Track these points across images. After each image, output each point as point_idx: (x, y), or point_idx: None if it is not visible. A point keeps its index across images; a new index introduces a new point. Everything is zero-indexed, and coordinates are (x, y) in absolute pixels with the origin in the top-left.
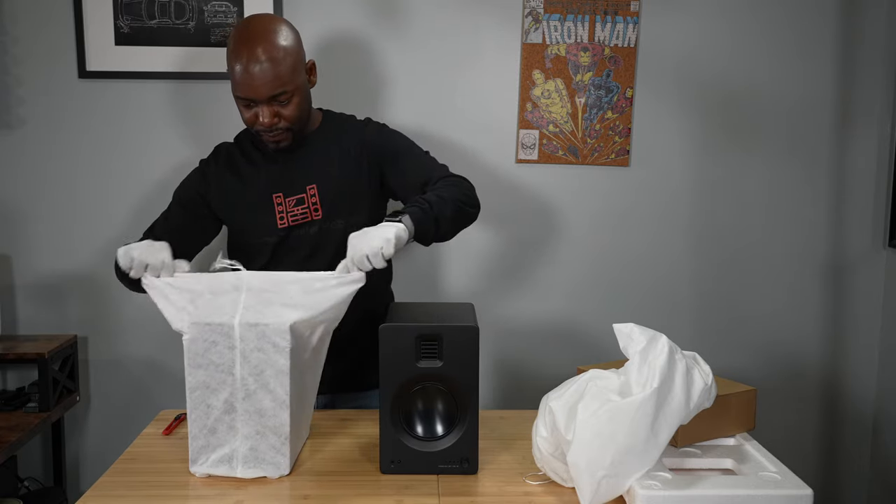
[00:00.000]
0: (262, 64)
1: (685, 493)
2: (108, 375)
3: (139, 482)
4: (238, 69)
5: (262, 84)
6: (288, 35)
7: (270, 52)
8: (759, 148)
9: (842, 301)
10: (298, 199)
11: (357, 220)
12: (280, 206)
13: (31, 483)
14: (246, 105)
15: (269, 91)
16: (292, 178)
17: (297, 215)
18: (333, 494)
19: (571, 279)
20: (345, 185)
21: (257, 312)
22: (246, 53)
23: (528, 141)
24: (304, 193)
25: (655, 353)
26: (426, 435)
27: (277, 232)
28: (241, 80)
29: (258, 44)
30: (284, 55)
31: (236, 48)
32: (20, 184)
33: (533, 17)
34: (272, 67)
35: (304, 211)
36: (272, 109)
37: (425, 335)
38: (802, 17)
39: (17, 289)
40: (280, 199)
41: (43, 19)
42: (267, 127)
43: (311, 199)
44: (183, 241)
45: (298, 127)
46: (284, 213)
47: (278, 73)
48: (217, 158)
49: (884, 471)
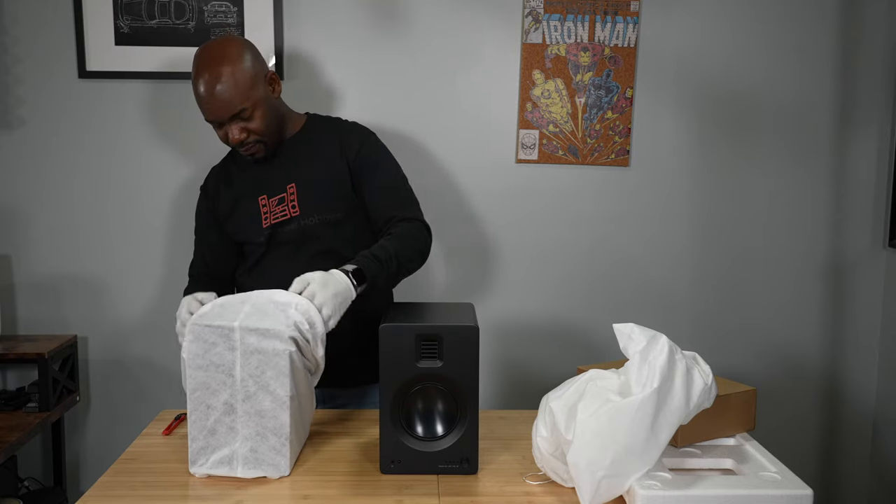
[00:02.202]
0: (217, 86)
1: (685, 493)
2: (108, 375)
3: (139, 482)
4: (198, 95)
5: (221, 105)
6: (240, 54)
7: (222, 75)
8: (759, 148)
9: (842, 301)
10: (280, 199)
11: (333, 217)
12: (265, 206)
13: (31, 483)
14: (216, 127)
15: (228, 111)
16: (274, 178)
17: (277, 214)
18: (333, 494)
19: (571, 279)
20: (321, 184)
21: (258, 319)
22: (201, 79)
23: (528, 141)
24: (285, 192)
25: (655, 353)
26: (426, 435)
27: (263, 231)
28: (202, 104)
29: (211, 68)
30: (236, 74)
31: (194, 75)
32: (20, 184)
33: (533, 17)
34: (226, 88)
35: (284, 209)
36: (238, 126)
37: (425, 335)
38: (802, 17)
39: (17, 289)
40: (265, 199)
41: (43, 19)
42: (238, 143)
43: (290, 197)
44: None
45: (269, 137)
46: (268, 213)
47: (233, 92)
48: (211, 177)
49: (884, 471)
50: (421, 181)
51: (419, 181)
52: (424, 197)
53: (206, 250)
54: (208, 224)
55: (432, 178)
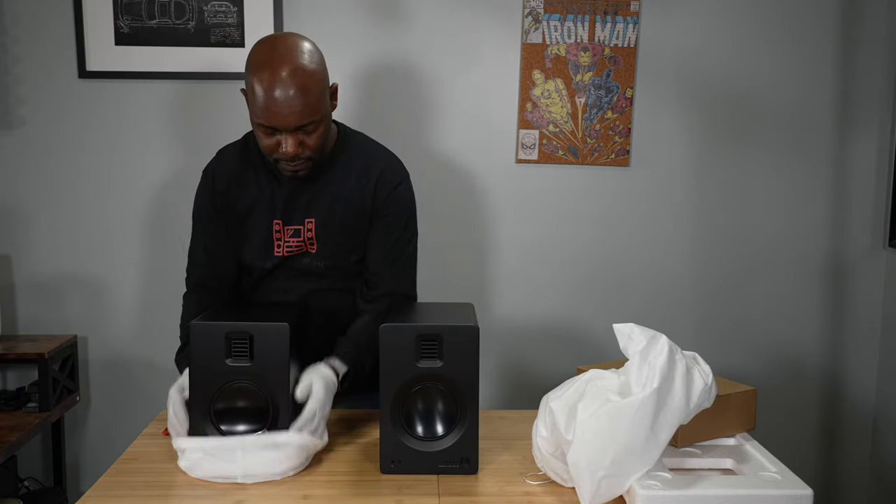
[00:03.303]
0: (291, 91)
1: (685, 493)
2: (108, 375)
3: (139, 482)
4: (262, 94)
5: (291, 113)
6: (316, 59)
7: (300, 79)
8: (759, 148)
9: (842, 301)
10: (295, 231)
11: (346, 261)
12: (278, 232)
13: (31, 483)
14: (267, 132)
15: (297, 121)
16: (293, 205)
17: (292, 246)
18: (333, 494)
19: (571, 279)
20: (343, 229)
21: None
22: (273, 78)
23: (528, 141)
24: (302, 226)
25: (655, 353)
26: (426, 435)
27: (273, 259)
28: (266, 106)
29: (286, 68)
30: (314, 82)
31: (260, 70)
32: (20, 184)
33: (533, 17)
34: (302, 96)
35: (300, 243)
36: (297, 139)
37: (425, 335)
38: (802, 17)
39: (17, 289)
40: (279, 226)
41: (43, 19)
42: (291, 157)
43: (307, 232)
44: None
45: (320, 156)
46: (282, 242)
47: (308, 101)
48: (223, 164)
49: (884, 471)
50: (421, 181)
51: (419, 181)
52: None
53: (209, 240)
54: (209, 216)
55: (432, 177)
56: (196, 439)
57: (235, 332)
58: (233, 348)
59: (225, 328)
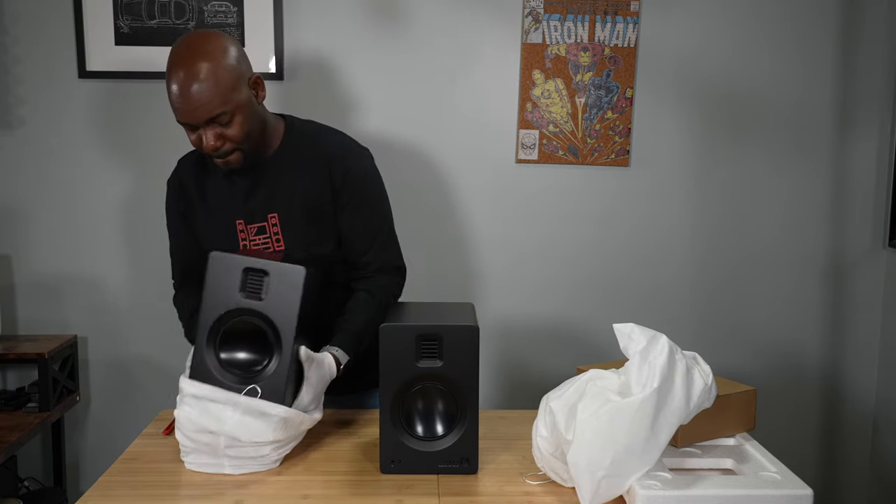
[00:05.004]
0: (194, 85)
1: (685, 493)
2: (108, 375)
3: (139, 482)
4: (171, 93)
5: (198, 107)
6: (223, 50)
7: (203, 73)
8: (760, 147)
9: (842, 301)
10: (260, 228)
11: (320, 251)
12: (242, 232)
13: (31, 483)
14: (188, 130)
15: (206, 113)
16: (254, 205)
17: (258, 244)
18: (333, 494)
19: (571, 279)
20: (308, 218)
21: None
22: (176, 76)
23: (528, 141)
24: (266, 222)
25: (655, 353)
26: (426, 435)
27: None
28: (176, 103)
29: (189, 64)
30: (220, 74)
31: (168, 70)
32: (20, 183)
33: (533, 17)
34: (206, 89)
35: (267, 241)
36: (215, 132)
37: (425, 335)
38: (802, 17)
39: (17, 289)
40: (242, 225)
41: (43, 19)
42: (211, 150)
43: (272, 228)
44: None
45: (249, 146)
46: (247, 242)
47: (214, 94)
48: (181, 172)
49: (884, 471)
50: (421, 181)
51: (419, 181)
52: (424, 196)
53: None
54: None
55: (432, 177)
56: (194, 383)
57: (253, 268)
58: (248, 283)
59: (243, 262)
